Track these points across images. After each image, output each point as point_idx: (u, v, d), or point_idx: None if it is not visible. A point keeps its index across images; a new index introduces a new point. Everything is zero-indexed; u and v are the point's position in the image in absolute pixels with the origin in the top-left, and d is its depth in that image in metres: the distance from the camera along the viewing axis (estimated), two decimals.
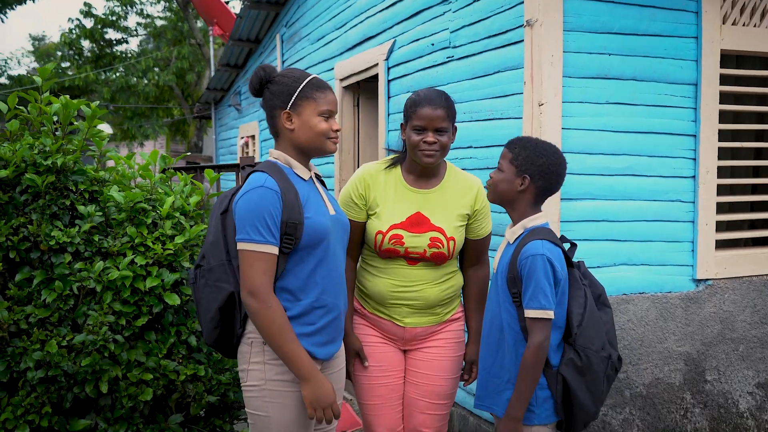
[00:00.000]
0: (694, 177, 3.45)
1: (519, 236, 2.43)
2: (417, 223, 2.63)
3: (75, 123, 3.09)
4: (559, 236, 2.62)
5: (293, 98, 2.27)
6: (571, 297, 2.42)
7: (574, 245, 2.54)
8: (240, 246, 2.18)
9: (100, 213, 2.89)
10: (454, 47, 3.91)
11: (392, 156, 2.78)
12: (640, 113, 3.33)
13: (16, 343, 2.67)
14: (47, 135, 2.98)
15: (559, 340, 2.41)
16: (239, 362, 2.32)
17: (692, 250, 3.47)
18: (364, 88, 5.73)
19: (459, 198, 2.69)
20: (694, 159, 3.44)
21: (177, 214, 3.01)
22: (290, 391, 2.25)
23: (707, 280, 3.51)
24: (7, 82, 27.20)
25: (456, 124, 3.86)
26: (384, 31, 4.92)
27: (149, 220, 2.93)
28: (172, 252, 2.87)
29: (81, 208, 2.84)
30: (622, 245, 3.34)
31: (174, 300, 2.83)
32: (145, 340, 2.88)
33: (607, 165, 3.29)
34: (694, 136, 3.44)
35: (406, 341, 2.72)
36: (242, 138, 10.26)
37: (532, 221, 2.45)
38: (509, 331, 2.41)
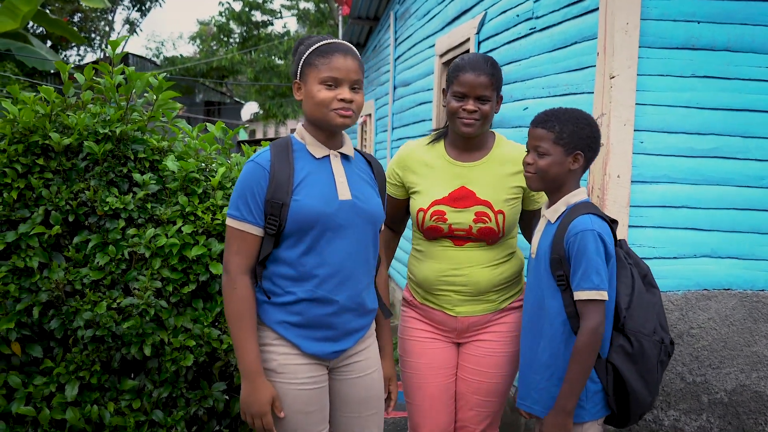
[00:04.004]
0: None
1: (562, 214, 2.23)
2: (461, 197, 2.45)
3: (146, 94, 3.20)
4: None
5: (299, 67, 2.12)
6: (617, 277, 2.21)
7: (615, 222, 2.29)
8: (226, 220, 2.13)
9: (155, 181, 2.97)
10: (537, 18, 3.68)
11: (436, 131, 2.63)
12: (733, 88, 2.97)
13: (70, 303, 2.80)
14: (114, 105, 3.09)
15: (608, 325, 2.20)
16: None
17: None
18: None
19: (509, 170, 2.48)
20: None
21: (229, 185, 3.03)
22: (271, 380, 2.13)
23: None
24: (164, 62, 29.13)
25: (533, 99, 3.67)
26: (477, 3, 4.74)
27: (200, 190, 2.97)
28: (220, 222, 2.89)
29: (137, 176, 2.93)
30: (705, 235, 3.01)
31: (219, 270, 2.85)
32: (193, 307, 2.94)
33: (691, 145, 2.96)
34: None
35: (459, 333, 2.55)
36: (361, 117, 10.33)
37: (575, 197, 2.24)
38: (555, 319, 2.20)
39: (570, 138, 2.19)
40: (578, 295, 2.11)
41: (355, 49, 2.13)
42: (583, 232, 2.13)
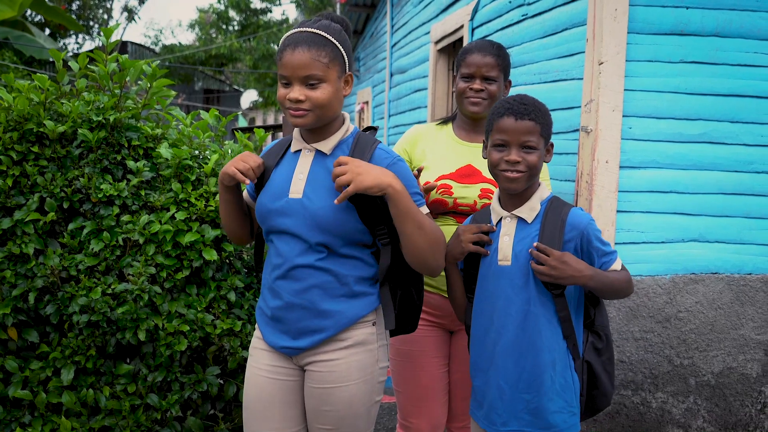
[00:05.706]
0: None
1: (539, 212, 2.05)
2: (467, 174, 2.50)
3: (140, 82, 3.22)
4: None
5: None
6: None
7: None
8: None
9: (149, 168, 3.00)
10: (528, 4, 3.69)
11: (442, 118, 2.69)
12: (721, 73, 3.00)
13: (66, 288, 2.84)
14: (108, 93, 3.11)
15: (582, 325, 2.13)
16: None
17: None
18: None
19: None
20: None
21: None
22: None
23: None
24: (162, 50, 29.07)
25: (525, 86, 3.69)
26: None
27: (193, 177, 3.00)
28: (213, 208, 2.93)
29: (130, 164, 2.96)
30: (693, 220, 3.04)
31: (212, 256, 2.89)
32: (187, 293, 2.98)
33: (679, 131, 2.99)
34: None
35: (454, 318, 2.56)
36: (358, 104, 10.34)
37: (544, 191, 2.10)
38: (544, 328, 2.01)
39: (547, 128, 2.06)
40: (615, 266, 2.00)
41: (317, 34, 1.91)
42: (589, 223, 2.00)
